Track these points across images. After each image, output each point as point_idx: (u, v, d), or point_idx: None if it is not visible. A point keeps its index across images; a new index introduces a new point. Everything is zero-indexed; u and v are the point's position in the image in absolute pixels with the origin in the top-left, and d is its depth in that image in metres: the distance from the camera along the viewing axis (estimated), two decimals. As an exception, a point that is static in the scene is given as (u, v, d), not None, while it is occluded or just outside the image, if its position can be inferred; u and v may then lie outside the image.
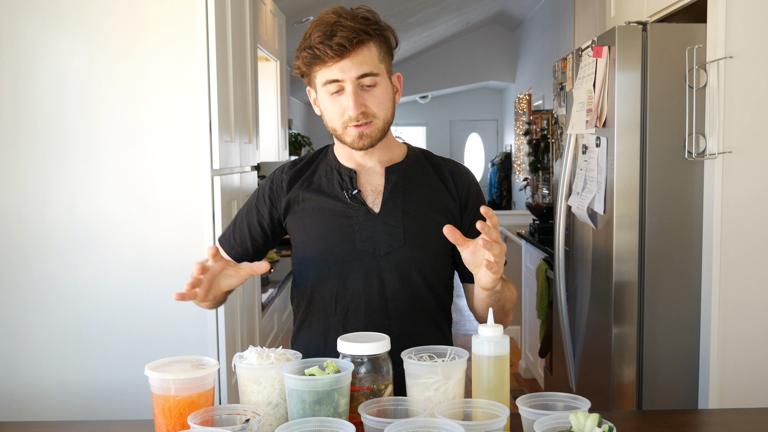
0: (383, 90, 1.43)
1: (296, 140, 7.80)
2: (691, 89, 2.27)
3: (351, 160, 1.53)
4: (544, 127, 6.08)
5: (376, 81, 1.41)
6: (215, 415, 1.17)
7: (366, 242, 1.47)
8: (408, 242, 1.47)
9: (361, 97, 1.40)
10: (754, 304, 2.23)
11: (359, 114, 1.40)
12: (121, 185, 2.06)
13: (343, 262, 1.48)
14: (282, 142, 3.85)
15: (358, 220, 1.48)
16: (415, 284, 1.49)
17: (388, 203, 1.49)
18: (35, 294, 2.06)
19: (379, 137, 1.45)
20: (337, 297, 1.49)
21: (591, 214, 2.55)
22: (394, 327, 1.46)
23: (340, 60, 1.38)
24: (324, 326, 1.50)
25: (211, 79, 2.05)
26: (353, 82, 1.39)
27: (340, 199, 1.50)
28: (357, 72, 1.39)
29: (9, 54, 2.03)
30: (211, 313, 2.08)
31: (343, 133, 1.44)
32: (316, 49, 1.37)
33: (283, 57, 3.82)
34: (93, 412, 2.07)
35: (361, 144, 1.44)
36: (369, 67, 1.40)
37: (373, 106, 1.42)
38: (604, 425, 1.05)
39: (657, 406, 2.38)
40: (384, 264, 1.47)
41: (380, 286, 1.47)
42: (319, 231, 1.49)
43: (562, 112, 3.01)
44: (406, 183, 1.51)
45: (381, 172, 1.52)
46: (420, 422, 1.07)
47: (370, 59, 1.40)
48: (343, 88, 1.40)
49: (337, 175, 1.52)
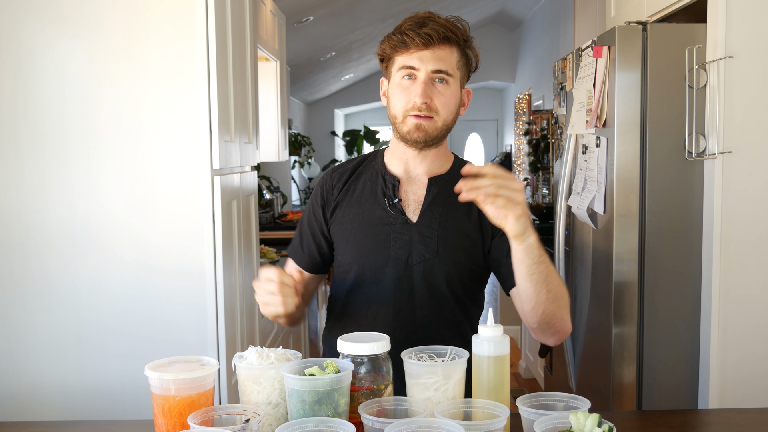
0: (452, 92, 1.47)
1: (296, 140, 7.80)
2: (691, 89, 2.27)
3: (400, 166, 1.55)
4: (544, 127, 6.08)
5: (448, 81, 1.46)
6: (215, 415, 1.16)
7: (400, 250, 1.49)
8: (440, 254, 1.49)
9: (430, 89, 1.44)
10: (754, 304, 2.23)
11: (423, 104, 1.43)
12: (121, 185, 2.06)
13: (377, 267, 1.50)
14: (282, 142, 3.85)
15: (395, 228, 1.50)
16: (442, 296, 1.50)
17: (426, 214, 1.51)
18: (35, 294, 2.06)
19: (434, 137, 1.47)
20: (369, 301, 1.51)
21: (591, 214, 2.55)
22: (420, 334, 1.48)
23: (423, 49, 1.43)
24: (355, 329, 1.51)
25: (211, 79, 2.05)
26: (427, 73, 1.44)
27: (381, 205, 1.52)
28: (434, 66, 1.44)
29: (9, 54, 2.03)
30: (211, 314, 2.08)
31: (403, 122, 1.46)
32: (405, 34, 1.44)
33: (283, 57, 3.82)
34: (93, 412, 2.07)
35: (416, 136, 1.46)
36: (446, 66, 1.45)
37: (439, 103, 1.45)
38: (604, 425, 1.05)
39: (657, 406, 2.38)
40: (415, 273, 1.49)
41: (409, 294, 1.49)
42: (358, 236, 1.52)
43: (562, 112, 3.01)
44: (446, 196, 1.52)
45: (425, 183, 1.54)
46: (420, 422, 1.07)
47: (449, 60, 1.46)
48: (416, 77, 1.45)
49: (382, 181, 1.55)
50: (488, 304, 7.14)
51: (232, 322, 2.17)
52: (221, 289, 2.08)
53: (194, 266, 2.07)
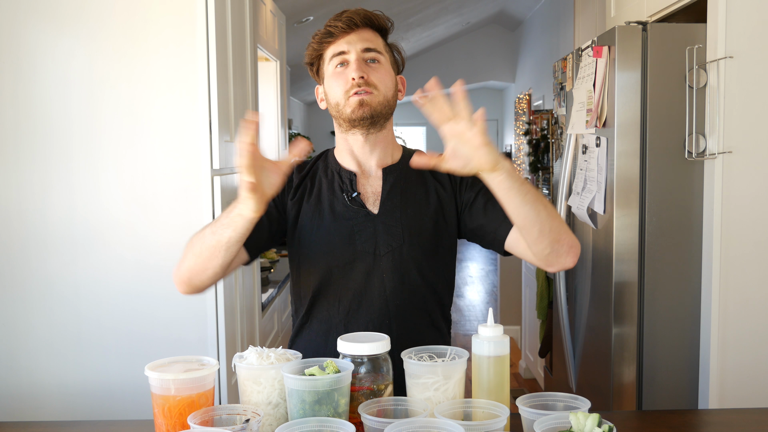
0: (386, 69, 1.50)
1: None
2: (691, 89, 2.27)
3: (351, 161, 1.54)
4: (544, 127, 6.08)
5: (379, 59, 1.49)
6: (215, 415, 1.17)
7: (366, 243, 1.49)
8: (407, 242, 1.49)
9: (364, 67, 1.47)
10: (754, 304, 2.23)
11: (360, 78, 1.45)
12: (121, 185, 2.06)
13: (344, 263, 1.49)
14: (282, 142, 3.85)
15: (357, 221, 1.49)
16: (414, 283, 1.50)
17: (386, 204, 1.51)
18: (35, 294, 2.06)
19: (378, 111, 1.47)
20: (340, 297, 1.50)
21: (591, 214, 2.55)
22: (395, 326, 1.47)
23: (348, 33, 1.48)
24: (326, 327, 1.51)
25: (211, 79, 2.05)
26: (358, 53, 1.47)
27: (340, 201, 1.51)
28: (362, 45, 1.48)
29: (9, 54, 2.03)
30: (211, 313, 2.08)
31: (345, 104, 1.47)
32: (328, 26, 1.49)
33: (283, 57, 3.82)
34: (93, 412, 2.07)
35: (361, 112, 1.46)
36: (374, 45, 1.49)
37: (375, 78, 1.47)
38: (604, 425, 1.05)
39: (657, 406, 2.38)
40: (384, 264, 1.48)
41: (381, 285, 1.48)
42: (321, 233, 1.50)
43: (562, 112, 3.01)
44: (403, 184, 1.53)
45: (379, 174, 1.54)
46: (420, 422, 1.07)
47: (376, 41, 1.51)
48: (347, 61, 1.47)
49: (338, 177, 1.54)
50: (488, 304, 7.14)
51: (232, 322, 2.18)
52: (221, 288, 2.08)
53: (194, 266, 2.07)
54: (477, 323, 1.40)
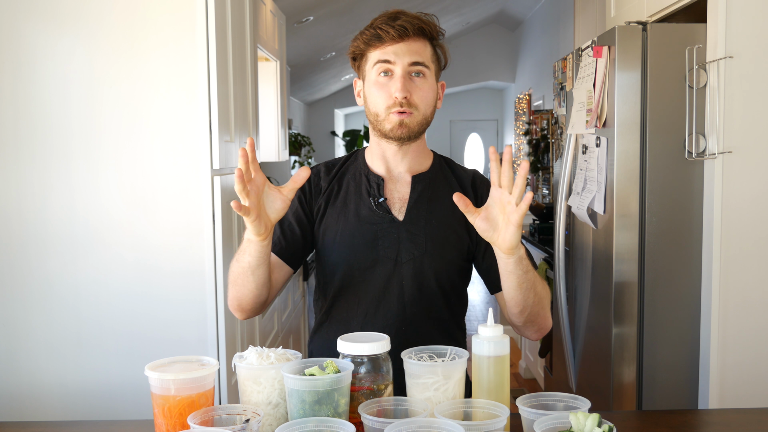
0: (429, 86, 1.48)
1: (296, 140, 7.80)
2: (691, 89, 2.27)
3: (382, 165, 1.55)
4: (544, 127, 6.08)
5: (425, 73, 1.46)
6: (215, 415, 1.16)
7: (388, 249, 1.49)
8: (429, 251, 1.50)
9: (408, 84, 1.44)
10: (754, 304, 2.23)
11: (403, 99, 1.43)
12: (121, 185, 2.06)
13: (365, 266, 1.50)
14: (282, 142, 3.85)
15: (382, 227, 1.50)
16: (431, 292, 1.51)
17: (412, 212, 1.51)
18: (35, 294, 2.06)
19: (416, 131, 1.48)
20: (359, 300, 1.51)
21: (591, 214, 2.55)
22: (410, 332, 1.48)
23: (398, 42, 1.43)
24: (344, 328, 1.51)
25: (211, 79, 2.05)
26: (404, 67, 1.44)
27: (366, 205, 1.52)
28: (410, 59, 1.44)
29: (9, 54, 2.03)
30: (211, 313, 2.08)
31: (385, 119, 1.46)
32: (379, 28, 1.44)
33: (283, 57, 3.82)
34: (93, 412, 2.07)
35: (399, 132, 1.46)
36: (422, 58, 1.45)
37: (417, 98, 1.45)
38: (604, 425, 1.05)
39: (657, 406, 2.38)
40: (405, 271, 1.49)
41: (399, 291, 1.49)
42: (345, 236, 1.51)
43: (562, 112, 3.01)
44: (431, 193, 1.53)
45: (408, 181, 1.54)
46: (420, 422, 1.07)
47: (425, 53, 1.46)
48: (392, 72, 1.44)
49: (366, 181, 1.54)
50: (488, 304, 7.13)
51: (232, 321, 2.17)
52: (221, 288, 2.08)
53: (194, 266, 2.07)
54: (477, 323, 1.40)
